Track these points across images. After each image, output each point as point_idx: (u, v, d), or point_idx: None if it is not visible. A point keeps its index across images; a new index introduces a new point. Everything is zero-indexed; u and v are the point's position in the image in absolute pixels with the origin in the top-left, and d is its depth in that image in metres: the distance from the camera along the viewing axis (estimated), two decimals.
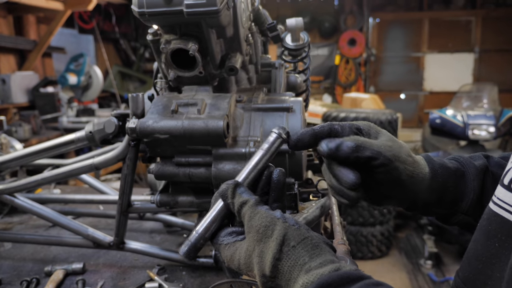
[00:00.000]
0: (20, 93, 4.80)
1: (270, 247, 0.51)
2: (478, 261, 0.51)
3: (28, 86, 4.89)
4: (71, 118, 4.62)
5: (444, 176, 0.63)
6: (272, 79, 1.15)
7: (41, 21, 5.59)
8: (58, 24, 5.07)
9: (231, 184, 0.57)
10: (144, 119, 0.92)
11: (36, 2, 4.42)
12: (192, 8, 0.83)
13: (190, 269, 1.22)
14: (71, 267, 1.20)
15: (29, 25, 5.33)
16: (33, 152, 1.15)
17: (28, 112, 4.37)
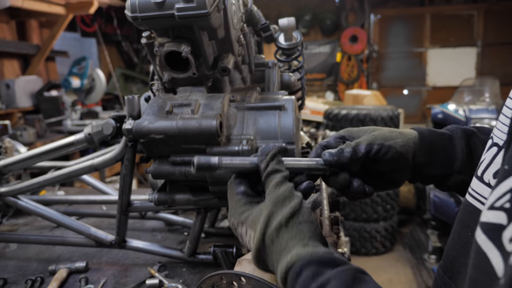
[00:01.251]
0: (25, 97, 4.86)
1: (282, 212, 0.56)
2: (454, 249, 0.53)
3: (32, 90, 4.95)
4: (75, 121, 4.66)
5: (432, 136, 0.69)
6: (266, 79, 1.17)
7: (44, 25, 5.65)
8: (60, 28, 5.12)
9: (277, 147, 0.63)
10: (139, 120, 0.94)
11: (39, 7, 4.47)
12: (183, 12, 0.86)
13: (190, 266, 1.25)
14: (74, 265, 1.23)
15: (32, 30, 5.39)
16: (34, 154, 1.19)
17: (33, 116, 4.43)
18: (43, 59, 5.26)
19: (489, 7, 7.18)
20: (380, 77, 7.73)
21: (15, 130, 3.97)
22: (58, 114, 4.94)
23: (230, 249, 1.18)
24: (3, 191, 1.21)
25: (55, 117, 4.87)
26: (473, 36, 7.39)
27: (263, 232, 0.56)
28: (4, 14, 4.84)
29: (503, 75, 6.48)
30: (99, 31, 6.07)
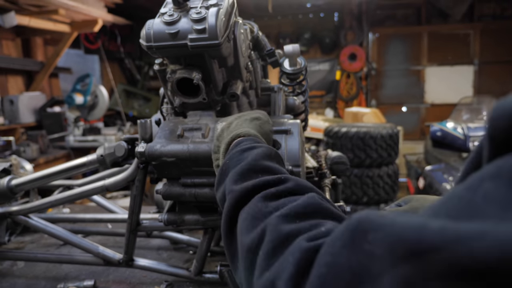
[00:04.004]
0: (28, 113, 4.91)
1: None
2: None
3: (36, 106, 5.01)
4: (77, 137, 4.71)
5: None
6: (272, 102, 1.22)
7: (48, 42, 5.75)
8: (65, 46, 5.22)
9: None
10: (152, 144, 0.98)
11: (45, 26, 4.57)
12: (195, 42, 0.90)
13: (196, 285, 1.27)
14: (82, 284, 1.25)
15: (37, 47, 5.49)
16: (47, 175, 1.22)
17: (36, 132, 4.47)
18: (47, 76, 5.34)
19: (485, 26, 7.32)
20: (379, 94, 7.82)
21: (18, 146, 4.01)
22: (60, 130, 4.99)
23: None
24: (15, 210, 1.24)
25: (58, 133, 4.92)
26: (470, 55, 7.51)
27: (224, 125, 0.77)
28: (10, 32, 4.93)
29: (499, 93, 6.57)
30: (102, 48, 6.16)
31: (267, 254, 0.42)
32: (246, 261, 0.46)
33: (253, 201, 0.51)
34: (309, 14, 7.71)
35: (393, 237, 0.27)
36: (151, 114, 7.44)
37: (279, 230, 0.44)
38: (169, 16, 0.92)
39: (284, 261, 0.40)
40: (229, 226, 0.54)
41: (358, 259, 0.30)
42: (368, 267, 0.29)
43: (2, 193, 1.27)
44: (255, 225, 0.47)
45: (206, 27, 0.89)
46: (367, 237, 0.30)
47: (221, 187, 0.62)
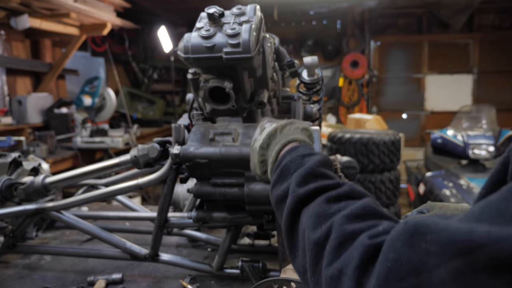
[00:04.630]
0: (35, 113, 4.99)
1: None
2: None
3: (43, 107, 5.09)
4: (84, 138, 4.79)
5: None
6: (292, 110, 1.31)
7: (56, 44, 5.84)
8: (73, 48, 5.31)
9: None
10: (186, 146, 1.07)
11: (55, 28, 4.66)
12: (230, 55, 1.00)
13: (218, 279, 1.36)
14: (111, 277, 1.34)
15: (45, 49, 5.58)
16: (81, 173, 1.31)
17: (45, 133, 4.55)
18: (55, 77, 5.43)
19: (484, 36, 7.46)
20: (380, 101, 7.94)
21: (28, 146, 4.08)
22: (67, 131, 5.07)
23: (256, 264, 1.29)
24: (50, 206, 1.33)
25: (64, 133, 4.99)
26: (469, 64, 7.64)
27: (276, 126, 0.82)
28: (19, 33, 5.02)
29: (498, 102, 6.69)
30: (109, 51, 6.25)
31: (335, 248, 0.51)
32: (313, 252, 0.55)
33: (317, 202, 0.60)
34: (312, 21, 7.84)
35: (447, 238, 0.36)
36: (154, 116, 7.53)
37: (344, 228, 0.52)
38: (206, 31, 1.01)
39: (350, 254, 0.48)
40: (291, 221, 0.62)
41: (418, 255, 0.38)
42: (426, 261, 0.37)
43: (37, 190, 1.36)
44: (320, 223, 0.56)
45: (240, 42, 0.99)
46: (425, 238, 0.38)
47: (279, 185, 0.70)
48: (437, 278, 0.36)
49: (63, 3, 4.03)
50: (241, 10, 1.08)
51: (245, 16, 1.06)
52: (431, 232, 0.38)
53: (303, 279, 0.60)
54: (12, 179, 1.41)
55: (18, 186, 1.39)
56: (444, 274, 0.35)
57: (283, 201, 0.67)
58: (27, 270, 1.45)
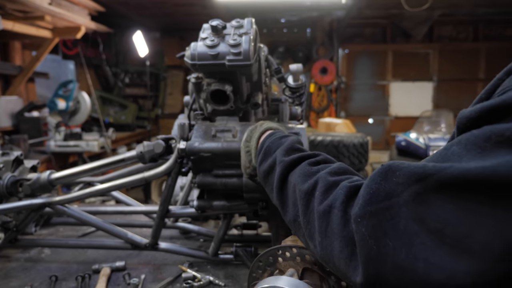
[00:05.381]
0: (5, 117, 4.90)
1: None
2: None
3: (13, 111, 5.00)
4: (58, 142, 4.76)
5: None
6: (280, 111, 1.48)
7: (26, 47, 5.75)
8: (45, 51, 5.26)
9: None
10: (191, 142, 1.21)
11: (28, 31, 4.62)
12: (232, 62, 1.15)
13: (213, 264, 1.49)
14: (115, 265, 1.44)
15: (15, 51, 5.48)
16: (87, 169, 1.41)
17: (17, 136, 4.49)
18: (25, 80, 5.34)
19: (442, 46, 7.98)
20: (347, 106, 8.29)
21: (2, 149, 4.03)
22: (38, 135, 5.00)
23: (249, 248, 1.44)
24: (56, 200, 1.42)
25: (36, 137, 4.93)
26: (430, 72, 8.14)
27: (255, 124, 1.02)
28: None
29: (456, 107, 7.18)
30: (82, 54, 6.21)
31: (323, 192, 0.67)
32: (304, 200, 0.71)
33: (301, 166, 0.78)
34: (283, 29, 8.10)
35: (409, 172, 0.53)
36: (127, 121, 7.51)
37: (328, 179, 0.69)
38: (211, 41, 1.16)
39: (336, 194, 0.65)
40: (281, 183, 0.81)
41: (390, 185, 0.55)
42: (395, 189, 0.53)
43: (43, 186, 1.44)
44: (307, 179, 0.73)
45: (241, 51, 1.14)
46: (395, 173, 0.55)
47: (265, 162, 0.88)
48: (402, 199, 0.52)
49: (38, 5, 4.03)
50: (240, 23, 1.24)
51: (243, 29, 1.21)
52: (398, 169, 0.55)
53: (293, 226, 0.78)
54: (16, 176, 1.48)
55: (23, 182, 1.47)
56: (407, 197, 0.52)
57: (270, 173, 0.85)
58: (30, 262, 1.52)
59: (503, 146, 0.46)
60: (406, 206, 0.52)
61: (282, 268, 0.91)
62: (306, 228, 0.71)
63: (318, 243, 0.67)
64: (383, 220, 0.53)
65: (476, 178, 0.45)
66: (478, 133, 0.50)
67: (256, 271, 0.95)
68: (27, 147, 4.55)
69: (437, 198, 0.49)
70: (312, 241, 0.69)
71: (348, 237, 0.59)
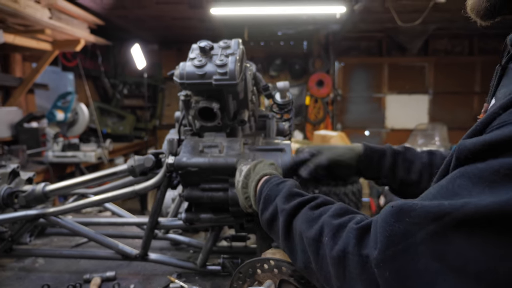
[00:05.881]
0: (4, 128, 4.96)
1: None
2: None
3: (12, 121, 5.06)
4: (56, 153, 4.81)
5: (371, 152, 1.15)
6: (267, 127, 1.54)
7: (26, 58, 5.84)
8: (45, 63, 5.35)
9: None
10: (179, 157, 1.27)
11: (28, 44, 4.71)
12: (218, 82, 1.21)
13: (201, 275, 1.53)
14: (105, 275, 1.48)
15: (16, 63, 5.57)
16: (81, 182, 1.46)
17: (16, 147, 4.54)
18: (25, 92, 5.41)
19: (438, 60, 8.10)
20: (344, 118, 8.37)
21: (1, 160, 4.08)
22: (37, 145, 5.05)
23: (236, 260, 1.49)
24: (50, 211, 1.47)
25: (35, 147, 4.98)
26: (425, 85, 8.25)
27: (249, 167, 1.05)
28: None
29: (450, 120, 7.27)
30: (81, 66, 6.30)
31: (331, 238, 0.68)
32: (312, 247, 0.72)
33: (303, 212, 0.80)
34: (280, 42, 8.22)
35: (424, 211, 0.54)
36: (125, 131, 7.56)
37: (333, 223, 0.71)
38: (198, 61, 1.22)
39: (346, 238, 0.65)
40: (287, 231, 0.83)
41: (405, 226, 0.56)
42: (411, 229, 0.55)
43: (37, 197, 1.50)
44: (312, 225, 0.75)
45: (227, 71, 1.20)
46: (409, 214, 0.56)
47: (266, 210, 0.91)
48: (419, 239, 0.54)
49: (38, 19, 4.12)
50: (227, 44, 1.31)
51: (230, 49, 1.28)
52: (412, 210, 0.56)
53: (306, 272, 0.80)
54: (12, 188, 1.53)
55: (18, 193, 1.52)
56: (424, 235, 0.53)
57: (273, 221, 0.89)
58: (23, 272, 1.57)
59: (506, 182, 0.49)
60: (424, 245, 0.53)
61: (260, 280, 0.97)
62: (320, 274, 0.73)
63: (337, 287, 0.68)
64: (404, 263, 0.55)
65: (493, 213, 0.48)
66: (483, 166, 0.52)
67: (237, 282, 1.00)
68: (25, 157, 4.60)
69: (456, 235, 0.51)
70: (329, 286, 0.71)
71: (368, 280, 0.61)
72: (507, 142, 0.52)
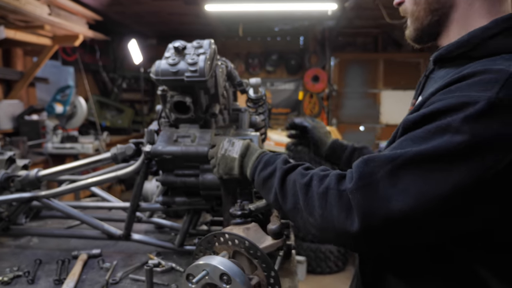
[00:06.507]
0: (6, 120, 5.13)
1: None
2: None
3: (14, 114, 5.23)
4: (55, 144, 4.98)
5: (337, 145, 1.56)
6: (240, 120, 1.69)
7: (28, 53, 5.99)
8: (45, 58, 5.50)
9: None
10: (155, 145, 1.42)
11: (29, 39, 4.86)
12: (190, 78, 1.36)
13: (179, 254, 1.69)
14: (92, 252, 1.64)
15: (17, 58, 5.73)
16: (69, 168, 1.62)
17: (17, 138, 4.71)
18: (26, 85, 5.57)
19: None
20: (339, 114, 8.50)
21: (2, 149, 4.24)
22: (37, 137, 5.23)
23: None
24: (42, 194, 1.63)
25: (35, 139, 5.15)
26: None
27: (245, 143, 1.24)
28: None
29: None
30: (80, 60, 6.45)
31: (319, 181, 0.93)
32: (304, 190, 0.95)
33: (298, 170, 1.04)
34: (277, 37, 8.33)
35: (383, 157, 0.83)
36: (123, 124, 7.73)
37: (319, 173, 0.95)
38: (172, 60, 1.37)
39: (329, 180, 0.90)
40: (282, 182, 1.04)
41: (370, 168, 0.83)
42: (374, 170, 0.82)
43: (31, 182, 1.65)
44: (304, 176, 0.98)
45: (198, 69, 1.35)
46: (374, 160, 0.84)
47: (265, 170, 1.12)
48: (380, 175, 0.81)
49: (38, 16, 4.26)
50: (199, 44, 1.45)
51: (202, 49, 1.43)
52: (375, 158, 0.85)
53: (292, 212, 1.00)
54: (9, 173, 1.69)
55: (14, 178, 1.68)
56: (383, 173, 0.81)
57: (270, 178, 1.09)
58: (19, 249, 1.73)
59: (437, 135, 0.78)
60: (383, 178, 0.81)
61: (217, 251, 1.12)
62: (306, 209, 0.94)
63: (319, 216, 0.90)
64: (370, 189, 0.82)
65: (426, 154, 0.78)
66: (421, 131, 0.82)
67: (198, 254, 1.16)
68: (26, 148, 4.77)
69: (403, 170, 0.80)
70: (312, 216, 0.92)
71: (343, 205, 0.85)
72: (434, 113, 0.81)
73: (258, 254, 1.05)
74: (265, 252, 1.07)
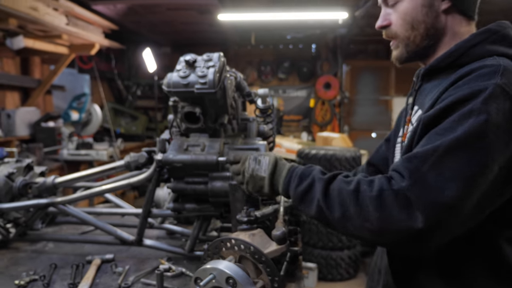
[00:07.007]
0: (23, 126, 5.28)
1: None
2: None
3: (31, 121, 5.38)
4: (71, 151, 5.09)
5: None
6: (248, 129, 1.73)
7: (45, 61, 6.17)
8: (62, 66, 5.66)
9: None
10: (166, 154, 1.47)
11: (47, 48, 5.02)
12: (200, 90, 1.41)
13: (189, 259, 1.74)
14: (105, 257, 1.70)
15: (35, 66, 5.91)
16: (83, 175, 1.68)
17: (33, 145, 4.85)
18: (43, 93, 5.74)
19: None
20: (351, 120, 8.50)
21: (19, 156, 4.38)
22: (53, 144, 5.36)
23: None
24: (59, 200, 1.69)
25: (51, 146, 5.29)
26: None
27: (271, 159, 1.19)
28: (10, 51, 5.33)
29: None
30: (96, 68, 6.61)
31: (368, 186, 0.96)
32: (352, 196, 0.96)
33: (339, 178, 1.05)
34: (289, 45, 8.40)
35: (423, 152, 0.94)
36: (137, 131, 7.87)
37: (365, 180, 0.98)
38: (183, 72, 1.43)
39: (379, 183, 0.95)
40: (325, 193, 1.03)
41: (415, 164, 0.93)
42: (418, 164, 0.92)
43: (48, 188, 1.72)
44: (349, 184, 1.00)
45: (207, 81, 1.41)
46: (415, 156, 0.95)
47: (301, 184, 1.10)
48: (426, 169, 0.90)
49: (56, 26, 4.41)
50: (209, 57, 1.50)
51: (211, 62, 1.48)
52: (416, 154, 0.94)
53: (341, 220, 1.00)
54: (26, 180, 1.77)
55: (32, 184, 1.75)
56: (427, 167, 0.90)
57: (309, 191, 1.07)
58: (35, 253, 1.80)
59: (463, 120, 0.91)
60: (431, 168, 0.90)
61: (224, 256, 1.16)
62: (359, 215, 0.96)
63: (376, 219, 0.92)
64: (423, 181, 0.89)
65: (460, 139, 0.89)
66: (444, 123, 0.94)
67: (206, 258, 1.20)
68: (42, 155, 4.90)
69: (445, 157, 0.90)
70: (368, 221, 0.94)
71: (402, 204, 0.90)
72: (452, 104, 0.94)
73: (262, 259, 1.09)
74: (270, 257, 1.11)
